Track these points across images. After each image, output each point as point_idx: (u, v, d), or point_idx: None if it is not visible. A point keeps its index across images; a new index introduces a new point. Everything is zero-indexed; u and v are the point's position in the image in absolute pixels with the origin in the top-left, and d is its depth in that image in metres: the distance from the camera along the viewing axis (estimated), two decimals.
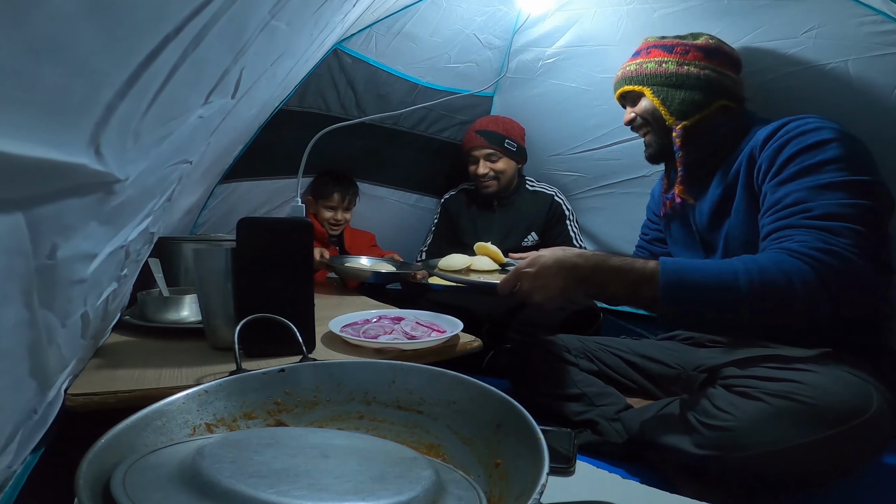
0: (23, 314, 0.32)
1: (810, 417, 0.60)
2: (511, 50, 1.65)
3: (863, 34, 0.95)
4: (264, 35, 0.49)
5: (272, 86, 0.94)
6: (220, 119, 0.62)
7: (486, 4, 1.52)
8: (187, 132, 0.48)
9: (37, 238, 0.29)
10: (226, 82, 0.49)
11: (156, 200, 0.56)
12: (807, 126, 0.79)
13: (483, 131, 1.65)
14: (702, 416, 0.69)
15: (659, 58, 0.97)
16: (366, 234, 1.85)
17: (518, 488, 0.34)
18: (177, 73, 0.34)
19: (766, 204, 0.79)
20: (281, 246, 0.73)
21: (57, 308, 0.38)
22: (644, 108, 1.01)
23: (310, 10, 0.62)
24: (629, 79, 1.02)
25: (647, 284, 0.72)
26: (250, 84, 0.61)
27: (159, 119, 0.38)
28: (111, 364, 0.68)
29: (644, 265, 0.74)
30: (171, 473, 0.30)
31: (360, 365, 0.52)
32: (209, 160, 0.96)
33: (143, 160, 0.40)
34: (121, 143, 0.33)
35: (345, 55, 1.49)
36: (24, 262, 0.29)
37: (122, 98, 0.30)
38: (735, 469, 0.65)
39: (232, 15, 0.37)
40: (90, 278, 0.42)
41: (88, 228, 0.37)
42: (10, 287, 0.29)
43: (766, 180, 0.80)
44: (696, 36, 0.99)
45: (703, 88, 0.94)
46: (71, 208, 0.32)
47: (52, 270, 0.33)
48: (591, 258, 0.77)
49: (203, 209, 1.54)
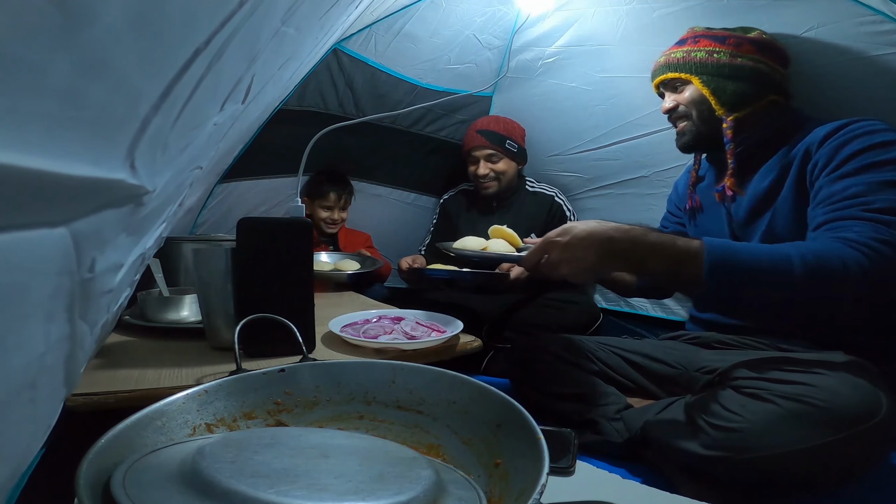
0: (65, 329, 0.32)
1: (820, 421, 0.60)
2: (510, 50, 1.65)
3: (863, 34, 0.95)
4: (275, 41, 0.49)
5: (277, 88, 0.94)
6: (231, 124, 0.62)
7: (486, 5, 1.52)
8: (203, 140, 0.48)
9: (80, 254, 0.29)
10: (239, 89, 0.49)
11: (171, 207, 0.56)
12: (873, 127, 0.79)
13: (484, 131, 1.63)
14: (710, 417, 0.68)
15: (710, 47, 0.96)
16: (361, 235, 1.85)
17: (518, 488, 0.34)
18: (202, 84, 0.35)
19: (819, 196, 0.78)
20: (281, 246, 0.73)
21: (90, 319, 0.38)
22: (691, 96, 0.99)
23: (317, 15, 0.62)
24: (675, 66, 1.00)
25: (691, 262, 0.68)
26: (259, 89, 0.61)
27: (184, 129, 0.38)
28: (111, 364, 0.68)
29: (688, 242, 0.71)
30: (171, 473, 0.30)
31: (360, 365, 0.52)
32: (213, 162, 0.96)
33: (168, 170, 0.40)
34: (151, 156, 0.33)
35: (344, 55, 1.49)
36: (69, 280, 0.29)
37: (156, 112, 0.30)
38: (742, 470, 0.65)
39: (250, 25, 0.37)
40: (116, 287, 0.42)
41: (119, 240, 0.37)
42: (57, 305, 0.29)
43: (821, 175, 0.79)
44: (746, 30, 0.99)
45: (756, 81, 0.93)
46: (108, 222, 0.32)
47: (90, 284, 0.33)
48: (629, 231, 0.73)
49: (202, 209, 1.54)
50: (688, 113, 1.00)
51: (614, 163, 1.57)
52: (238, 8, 0.32)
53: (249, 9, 0.34)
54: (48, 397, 0.34)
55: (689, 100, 0.99)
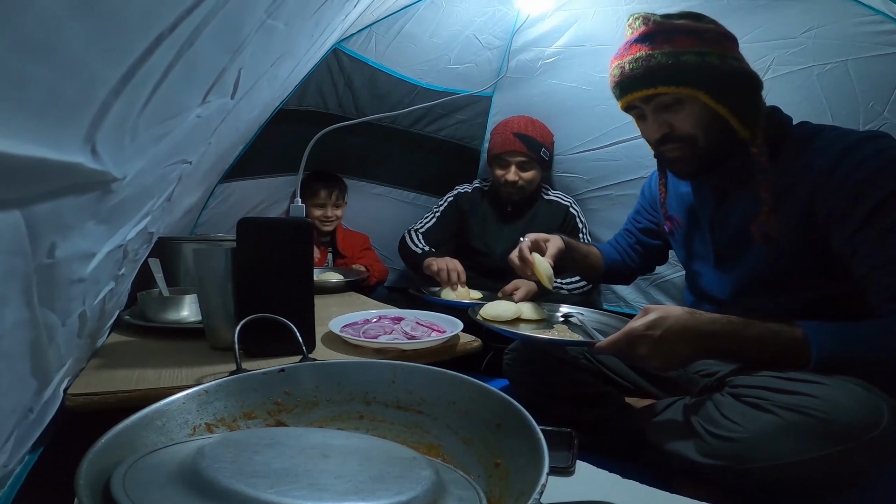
0: (23, 314, 0.32)
1: (822, 432, 0.60)
2: (510, 50, 1.65)
3: (862, 34, 0.96)
4: (262, 35, 0.49)
5: (274, 87, 0.94)
6: (220, 120, 0.62)
7: (486, 5, 1.52)
8: (185, 131, 0.48)
9: (36, 237, 0.29)
10: (223, 82, 0.49)
11: (154, 200, 0.56)
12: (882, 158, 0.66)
13: (522, 135, 1.51)
14: (708, 423, 0.68)
15: (697, 48, 0.74)
16: (359, 236, 1.84)
17: (518, 488, 0.34)
18: (172, 71, 0.35)
19: (868, 251, 0.67)
20: (281, 246, 0.73)
21: (57, 307, 0.38)
22: (697, 118, 0.77)
23: (309, 11, 0.62)
24: (665, 77, 0.75)
25: (796, 353, 0.66)
26: (250, 85, 0.61)
27: (156, 118, 0.38)
28: (111, 364, 0.68)
29: (791, 333, 0.67)
30: (171, 473, 0.30)
31: (360, 365, 0.52)
32: (210, 161, 0.96)
33: (140, 159, 0.40)
34: (117, 142, 0.33)
35: (344, 55, 1.49)
36: (23, 262, 0.29)
37: (116, 96, 0.30)
38: (741, 479, 0.64)
39: (226, 14, 0.37)
40: (89, 277, 0.42)
41: (87, 227, 0.37)
42: (10, 287, 0.29)
43: (847, 222, 0.68)
44: (699, 16, 0.78)
45: (755, 87, 0.76)
46: (69, 207, 0.32)
47: (51, 269, 0.33)
48: (725, 325, 0.69)
49: (203, 209, 1.54)
50: (691, 137, 0.78)
51: (614, 163, 1.57)
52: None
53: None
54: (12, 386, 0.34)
55: (693, 122, 0.77)
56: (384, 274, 1.79)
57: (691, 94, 0.75)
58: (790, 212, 0.74)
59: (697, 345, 0.69)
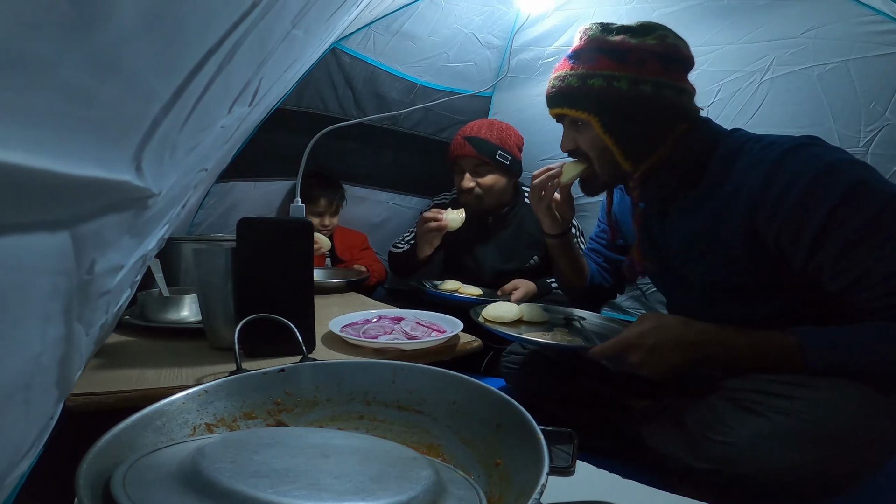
0: (62, 330, 0.31)
1: (816, 437, 0.59)
2: (510, 49, 1.65)
3: (863, 34, 0.96)
4: (285, 45, 0.49)
5: (279, 89, 0.94)
6: (237, 127, 0.62)
7: (485, 4, 1.53)
8: (210, 142, 0.48)
9: (79, 256, 0.29)
10: (247, 92, 0.48)
11: (175, 209, 0.56)
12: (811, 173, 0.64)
13: (473, 138, 1.42)
14: (703, 427, 0.68)
15: (608, 71, 0.75)
16: (358, 235, 1.82)
17: (518, 488, 0.35)
18: (212, 85, 0.34)
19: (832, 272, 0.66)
20: (281, 246, 0.73)
21: (86, 320, 0.38)
22: (592, 142, 0.80)
23: (324, 17, 0.62)
24: (570, 98, 0.78)
25: (790, 360, 0.66)
26: (266, 91, 0.61)
27: (192, 132, 0.37)
28: (111, 364, 0.68)
29: (782, 340, 0.67)
30: (171, 473, 0.30)
31: (360, 365, 0.52)
32: (217, 164, 0.96)
33: (174, 173, 0.39)
34: (159, 159, 0.33)
35: (343, 54, 1.49)
36: (66, 280, 0.29)
37: (166, 113, 0.29)
38: (734, 482, 0.64)
39: (262, 27, 0.36)
40: (114, 288, 0.42)
41: (121, 242, 0.37)
42: (54, 306, 0.29)
43: (797, 246, 0.67)
44: (647, 30, 0.77)
45: (661, 117, 0.75)
46: (110, 224, 0.32)
47: (89, 285, 0.33)
48: (715, 335, 0.71)
49: (199, 209, 1.54)
50: (589, 158, 0.83)
51: None
52: (251, 9, 0.32)
53: (262, 10, 0.34)
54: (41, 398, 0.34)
55: (589, 145, 0.81)
56: (383, 274, 1.78)
57: (588, 119, 0.78)
58: (728, 227, 0.73)
59: (689, 354, 0.71)
